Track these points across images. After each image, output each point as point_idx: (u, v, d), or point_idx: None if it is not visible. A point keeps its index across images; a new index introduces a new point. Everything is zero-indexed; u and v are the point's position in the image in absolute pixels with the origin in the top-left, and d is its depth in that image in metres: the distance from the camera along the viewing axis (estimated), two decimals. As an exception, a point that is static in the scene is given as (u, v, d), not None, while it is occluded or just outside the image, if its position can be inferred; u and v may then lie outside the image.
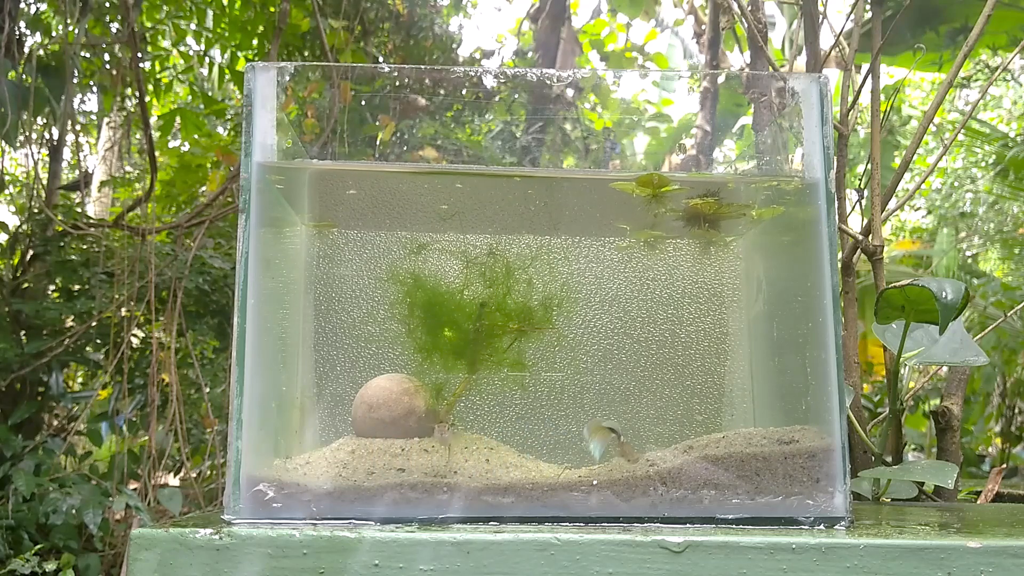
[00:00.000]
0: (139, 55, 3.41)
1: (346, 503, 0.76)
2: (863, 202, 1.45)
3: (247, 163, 0.81)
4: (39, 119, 3.72)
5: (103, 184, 5.10)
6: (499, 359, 0.90)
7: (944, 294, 0.97)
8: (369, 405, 0.85)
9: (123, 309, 3.15)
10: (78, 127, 4.27)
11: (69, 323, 3.41)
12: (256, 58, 4.17)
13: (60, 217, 3.50)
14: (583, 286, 0.94)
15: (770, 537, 0.69)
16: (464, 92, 0.93)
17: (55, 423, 3.66)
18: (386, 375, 0.88)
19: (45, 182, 4.01)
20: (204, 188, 4.17)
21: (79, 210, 3.97)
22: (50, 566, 2.69)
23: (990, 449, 4.60)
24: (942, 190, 6.93)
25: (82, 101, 4.66)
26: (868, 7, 1.88)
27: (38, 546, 2.72)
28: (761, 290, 0.96)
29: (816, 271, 0.81)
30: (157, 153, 3.55)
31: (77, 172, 4.52)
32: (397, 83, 0.96)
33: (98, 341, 3.43)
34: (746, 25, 1.63)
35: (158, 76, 4.40)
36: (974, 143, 5.16)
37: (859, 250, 1.37)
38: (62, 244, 3.41)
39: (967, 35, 1.39)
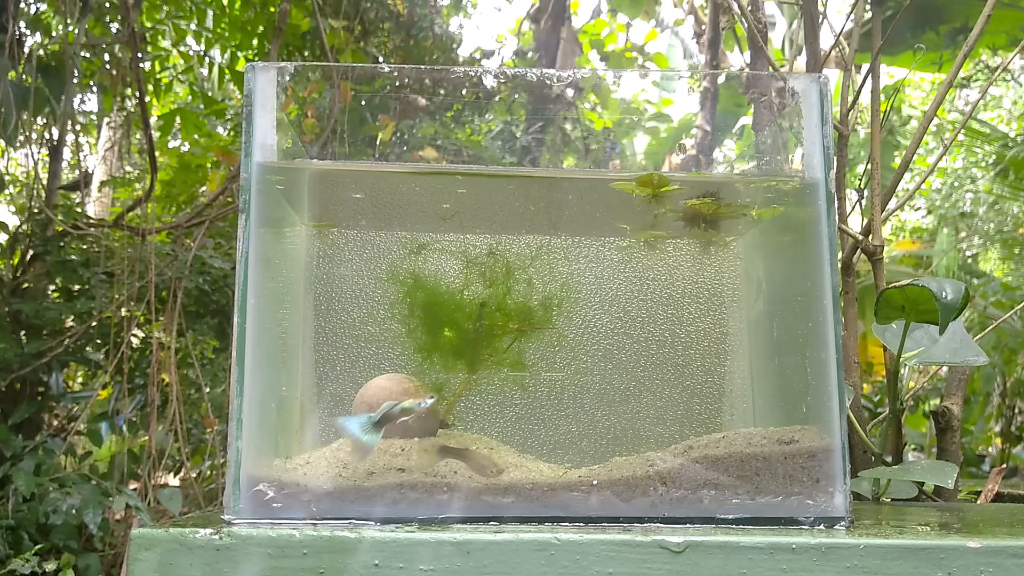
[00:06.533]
0: (139, 55, 3.41)
1: (346, 503, 0.76)
2: (863, 202, 1.45)
3: (247, 163, 0.81)
4: (39, 119, 3.72)
5: (103, 184, 5.10)
6: (499, 359, 0.90)
7: (944, 294, 0.97)
8: (369, 405, 0.85)
9: (123, 309, 3.15)
10: (78, 127, 4.27)
11: (69, 323, 3.41)
12: (256, 58, 4.17)
13: (60, 217, 3.50)
14: (583, 286, 0.94)
15: (770, 537, 0.69)
16: (464, 92, 0.93)
17: (55, 423, 3.66)
18: (386, 375, 0.88)
19: (45, 182, 4.01)
20: (204, 188, 4.18)
21: (79, 210, 3.97)
22: (50, 566, 2.70)
23: (990, 449, 4.60)
24: (942, 190, 6.93)
25: (82, 101, 4.67)
26: (868, 7, 1.88)
27: (38, 546, 2.72)
28: (761, 290, 0.96)
29: (816, 271, 0.81)
30: (157, 153, 3.55)
31: (77, 172, 4.52)
32: (397, 83, 0.95)
33: (98, 341, 3.43)
34: (746, 25, 1.63)
35: (158, 76, 4.40)
36: (974, 143, 5.16)
37: (859, 250, 1.37)
38: (62, 244, 3.41)
39: (967, 35, 1.39)
